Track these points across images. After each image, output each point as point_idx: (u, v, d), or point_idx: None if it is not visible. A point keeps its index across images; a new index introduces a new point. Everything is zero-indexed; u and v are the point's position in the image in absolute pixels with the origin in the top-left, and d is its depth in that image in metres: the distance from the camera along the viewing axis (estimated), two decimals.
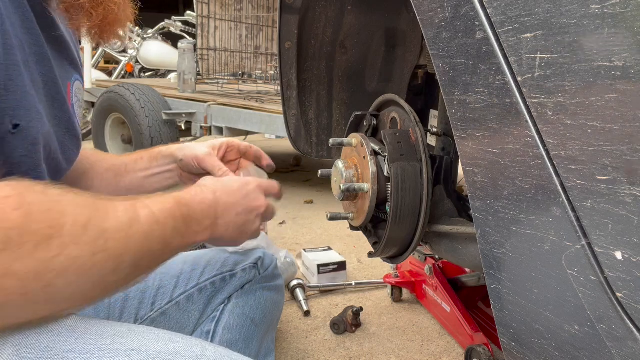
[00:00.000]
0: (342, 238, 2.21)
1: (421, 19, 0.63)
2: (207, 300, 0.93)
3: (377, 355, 1.30)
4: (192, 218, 0.65)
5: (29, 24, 0.60)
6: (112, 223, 0.53)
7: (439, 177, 0.94)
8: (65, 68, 0.73)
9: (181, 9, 10.07)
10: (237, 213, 0.73)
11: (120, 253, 0.53)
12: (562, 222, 0.48)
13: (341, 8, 1.14)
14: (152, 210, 0.59)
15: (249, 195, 0.75)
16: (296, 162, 3.90)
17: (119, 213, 0.54)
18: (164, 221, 0.60)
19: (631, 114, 0.41)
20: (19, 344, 0.51)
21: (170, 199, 0.63)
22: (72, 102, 0.74)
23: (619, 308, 0.45)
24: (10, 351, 0.50)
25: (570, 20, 0.44)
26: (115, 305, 0.87)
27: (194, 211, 0.66)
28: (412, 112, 0.83)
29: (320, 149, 1.29)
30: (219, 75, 3.85)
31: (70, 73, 0.75)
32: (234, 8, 3.80)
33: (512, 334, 0.60)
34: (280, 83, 1.21)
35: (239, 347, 0.92)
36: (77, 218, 0.49)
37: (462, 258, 0.87)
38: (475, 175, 0.58)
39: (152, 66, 5.91)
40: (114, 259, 0.52)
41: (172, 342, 0.56)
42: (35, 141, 0.61)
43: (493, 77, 0.52)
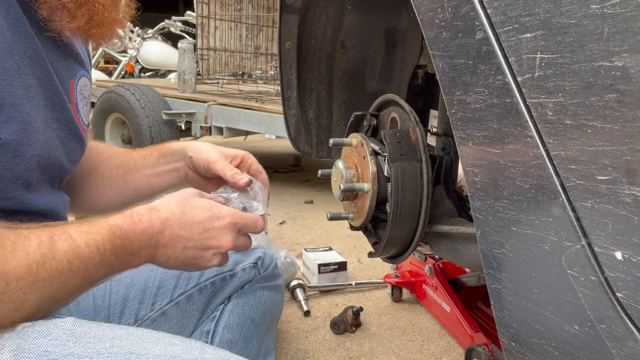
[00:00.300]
0: (342, 238, 2.21)
1: (421, 19, 0.63)
2: (207, 300, 0.93)
3: (377, 355, 1.30)
4: (125, 250, 0.62)
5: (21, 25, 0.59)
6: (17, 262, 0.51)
7: (439, 177, 0.94)
8: (69, 65, 0.71)
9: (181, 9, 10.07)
10: (186, 247, 0.68)
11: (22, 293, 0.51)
12: (562, 222, 0.48)
13: (341, 8, 1.14)
14: (75, 244, 0.56)
15: (209, 232, 0.69)
16: (296, 162, 3.90)
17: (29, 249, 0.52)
18: (89, 255, 0.57)
19: (631, 114, 0.41)
20: (17, 349, 0.51)
21: (104, 229, 0.60)
22: (75, 101, 0.72)
23: (619, 308, 0.45)
24: (8, 355, 0.50)
25: (570, 20, 0.44)
26: (115, 306, 0.87)
27: (129, 243, 0.62)
28: (412, 112, 0.83)
29: (320, 149, 1.29)
30: (219, 75, 3.85)
31: (75, 70, 0.73)
32: (234, 8, 3.80)
33: (512, 334, 0.60)
34: (280, 83, 1.21)
35: (238, 346, 0.91)
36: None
37: (462, 258, 0.87)
38: (475, 175, 0.58)
39: (152, 66, 5.91)
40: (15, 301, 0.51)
41: (172, 345, 0.56)
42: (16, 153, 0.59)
43: (493, 77, 0.52)
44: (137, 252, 0.63)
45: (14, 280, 0.50)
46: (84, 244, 0.57)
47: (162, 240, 0.66)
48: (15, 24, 0.58)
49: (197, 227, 0.68)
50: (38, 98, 0.62)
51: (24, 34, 0.59)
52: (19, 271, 0.51)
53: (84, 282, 0.58)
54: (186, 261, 0.69)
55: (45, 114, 0.63)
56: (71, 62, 0.72)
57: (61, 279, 0.54)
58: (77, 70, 0.73)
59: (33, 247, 0.52)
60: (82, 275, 0.57)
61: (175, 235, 0.66)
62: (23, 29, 0.59)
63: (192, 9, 4.00)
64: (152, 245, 0.65)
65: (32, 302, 0.52)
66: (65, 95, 0.68)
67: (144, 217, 0.64)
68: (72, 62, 0.72)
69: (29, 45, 0.60)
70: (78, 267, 0.56)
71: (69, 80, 0.71)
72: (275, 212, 2.57)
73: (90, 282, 0.59)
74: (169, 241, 0.66)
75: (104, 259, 0.59)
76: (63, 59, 0.70)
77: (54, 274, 0.54)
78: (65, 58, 0.70)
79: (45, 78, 0.63)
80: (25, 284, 0.51)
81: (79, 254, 0.56)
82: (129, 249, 0.62)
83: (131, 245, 0.62)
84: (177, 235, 0.66)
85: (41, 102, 0.63)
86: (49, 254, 0.53)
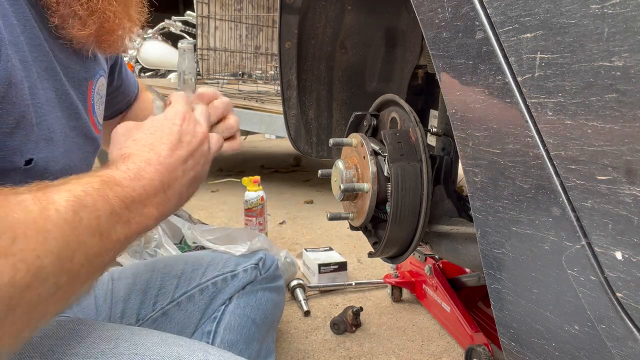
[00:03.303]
0: (342, 238, 2.21)
1: (421, 19, 0.63)
2: (209, 300, 0.94)
3: (377, 355, 1.30)
4: (132, 199, 0.51)
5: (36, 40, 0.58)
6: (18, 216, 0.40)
7: (439, 177, 0.94)
8: (88, 67, 0.70)
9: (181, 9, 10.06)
10: (184, 170, 0.58)
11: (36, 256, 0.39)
12: (562, 222, 0.48)
13: (341, 8, 1.14)
14: (74, 193, 0.45)
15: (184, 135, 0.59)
16: (296, 162, 3.90)
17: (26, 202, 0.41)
18: (94, 205, 0.46)
19: (631, 114, 0.41)
20: (21, 348, 0.51)
21: (95, 179, 0.49)
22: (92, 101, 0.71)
23: (619, 308, 0.45)
24: (13, 355, 0.50)
25: (570, 20, 0.44)
26: (116, 306, 0.88)
27: (132, 189, 0.52)
28: (412, 112, 0.83)
29: (320, 149, 1.29)
30: (219, 75, 3.85)
31: (94, 70, 0.72)
32: (234, 8, 3.80)
33: (512, 334, 0.60)
34: (280, 83, 1.21)
35: (239, 347, 0.92)
36: None
37: (462, 258, 0.87)
38: (475, 175, 0.58)
39: (152, 66, 5.91)
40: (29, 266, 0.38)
41: (176, 345, 0.56)
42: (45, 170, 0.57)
43: (493, 77, 0.52)
44: (146, 200, 0.53)
45: (21, 236, 0.39)
46: (83, 193, 0.46)
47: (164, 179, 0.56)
48: (32, 39, 0.58)
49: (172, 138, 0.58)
50: (56, 110, 0.62)
51: (40, 47, 0.59)
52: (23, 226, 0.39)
53: (103, 244, 0.47)
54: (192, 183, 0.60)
55: (63, 125, 0.63)
56: (90, 63, 0.71)
57: (75, 237, 0.43)
58: (96, 70, 0.72)
59: (29, 201, 0.42)
60: (98, 233, 0.46)
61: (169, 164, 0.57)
62: (39, 43, 0.59)
63: (192, 9, 4.00)
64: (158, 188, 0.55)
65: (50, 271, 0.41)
66: (80, 99, 0.67)
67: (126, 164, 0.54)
68: (92, 63, 0.71)
69: (44, 57, 0.59)
70: (89, 219, 0.45)
71: (87, 82, 0.70)
72: (275, 212, 2.57)
73: (109, 245, 0.48)
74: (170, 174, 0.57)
75: (115, 211, 0.48)
76: (81, 61, 0.69)
77: (64, 229, 0.42)
78: (83, 60, 0.69)
79: (60, 89, 0.63)
80: (35, 243, 0.39)
81: (84, 204, 0.45)
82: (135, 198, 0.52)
83: (135, 192, 0.52)
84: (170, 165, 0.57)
85: (59, 114, 0.62)
86: (50, 206, 0.42)
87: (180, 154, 0.58)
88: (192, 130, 0.60)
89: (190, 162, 0.59)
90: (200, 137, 0.61)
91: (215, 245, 1.17)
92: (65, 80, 0.64)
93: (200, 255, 1.01)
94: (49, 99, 0.60)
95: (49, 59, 0.61)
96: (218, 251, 1.11)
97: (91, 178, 0.49)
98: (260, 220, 2.04)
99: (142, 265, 0.96)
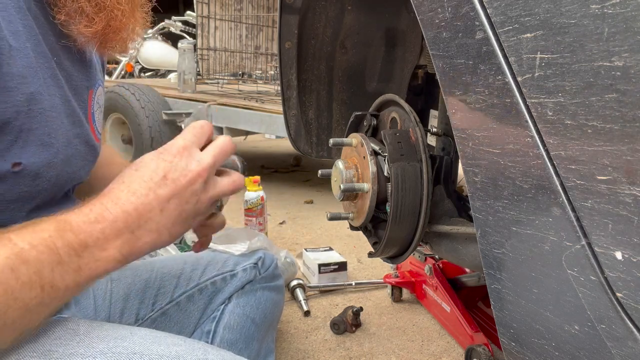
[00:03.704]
0: (342, 238, 2.21)
1: (421, 19, 0.63)
2: (208, 300, 0.94)
3: (377, 355, 1.30)
4: (86, 245, 0.50)
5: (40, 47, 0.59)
6: None
7: (439, 177, 0.94)
8: (89, 75, 0.71)
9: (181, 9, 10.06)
10: (163, 209, 0.54)
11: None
12: (562, 222, 0.48)
13: (341, 8, 1.14)
14: (17, 247, 0.46)
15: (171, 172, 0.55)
16: (296, 162, 3.90)
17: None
18: (37, 257, 0.46)
19: (631, 114, 0.41)
20: (20, 347, 0.51)
21: (50, 225, 0.49)
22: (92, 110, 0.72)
23: (619, 308, 0.45)
24: (12, 355, 0.50)
25: (570, 20, 0.44)
26: (115, 305, 0.88)
27: (88, 234, 0.50)
28: (412, 112, 0.83)
29: (320, 149, 1.29)
30: (219, 75, 3.85)
31: (94, 79, 0.72)
32: (234, 8, 3.80)
33: (512, 334, 0.60)
34: (280, 83, 1.21)
35: (239, 347, 0.92)
36: None
37: (462, 258, 0.87)
38: (475, 175, 0.58)
39: (152, 66, 5.91)
40: None
41: (175, 345, 0.56)
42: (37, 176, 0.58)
43: (493, 77, 0.52)
44: (104, 243, 0.51)
45: None
46: (28, 245, 0.46)
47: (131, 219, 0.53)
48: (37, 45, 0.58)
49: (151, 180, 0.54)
50: (62, 116, 0.62)
51: (44, 54, 0.59)
52: None
53: (46, 294, 0.47)
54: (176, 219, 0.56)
55: (68, 131, 0.63)
56: (92, 71, 0.71)
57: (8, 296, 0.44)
58: (96, 79, 0.73)
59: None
60: (39, 285, 0.46)
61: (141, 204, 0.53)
62: (43, 50, 0.59)
63: (192, 9, 3.99)
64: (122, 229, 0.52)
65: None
66: (81, 107, 0.68)
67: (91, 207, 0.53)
68: (93, 72, 0.72)
69: (48, 64, 0.60)
70: (28, 274, 0.45)
71: (88, 90, 0.70)
72: (275, 212, 2.57)
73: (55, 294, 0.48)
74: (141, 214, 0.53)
75: (62, 261, 0.48)
76: (83, 69, 0.69)
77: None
78: (86, 68, 0.70)
79: (64, 96, 0.63)
80: None
81: (24, 259, 0.45)
82: (89, 243, 0.50)
83: (90, 236, 0.50)
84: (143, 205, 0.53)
85: (65, 121, 0.62)
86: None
87: (161, 192, 0.54)
88: (182, 167, 0.56)
89: (175, 201, 0.55)
90: (191, 177, 0.56)
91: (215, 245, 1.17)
92: (67, 88, 0.64)
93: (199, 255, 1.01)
94: (54, 105, 0.60)
95: (53, 66, 0.61)
96: (217, 251, 1.11)
97: (45, 224, 0.49)
98: (260, 220, 2.04)
99: (141, 265, 0.96)
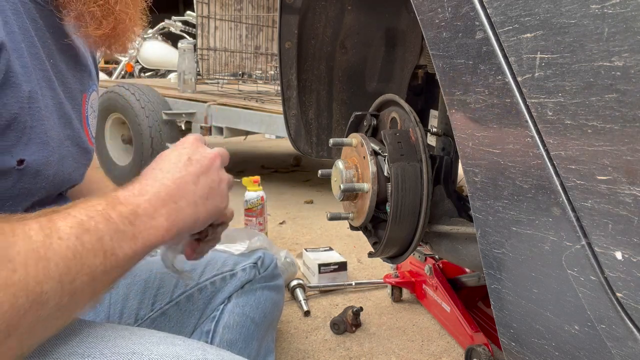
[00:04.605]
0: (342, 238, 2.21)
1: (421, 19, 0.63)
2: (207, 300, 0.94)
3: (377, 355, 1.30)
4: (137, 214, 0.54)
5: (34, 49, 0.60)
6: (20, 248, 0.43)
7: (439, 177, 0.94)
8: (83, 79, 0.72)
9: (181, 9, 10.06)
10: (196, 182, 0.60)
11: (36, 284, 0.43)
12: (562, 222, 0.48)
13: (341, 8, 1.14)
14: (77, 218, 0.49)
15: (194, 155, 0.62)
16: (296, 162, 3.90)
17: (31, 232, 0.45)
18: (96, 226, 0.49)
19: (631, 114, 0.41)
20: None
21: (100, 200, 0.53)
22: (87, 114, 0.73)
23: (619, 308, 0.45)
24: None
25: (570, 20, 0.44)
26: (115, 306, 0.88)
27: (136, 205, 0.54)
28: (412, 112, 0.83)
29: (320, 149, 1.29)
30: (219, 75, 3.85)
31: (88, 84, 0.74)
32: (234, 8, 3.80)
33: (512, 334, 0.60)
34: (280, 83, 1.21)
35: (238, 346, 0.92)
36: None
37: (462, 258, 0.87)
38: (475, 175, 0.58)
39: (152, 66, 5.91)
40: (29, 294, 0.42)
41: (174, 345, 0.56)
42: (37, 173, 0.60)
43: (493, 77, 0.52)
44: (154, 212, 0.55)
45: (21, 267, 0.42)
46: (86, 217, 0.49)
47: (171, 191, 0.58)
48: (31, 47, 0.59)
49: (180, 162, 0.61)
50: (54, 117, 0.63)
51: (38, 56, 0.60)
52: (24, 257, 0.43)
53: (108, 262, 0.50)
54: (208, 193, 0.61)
55: (59, 132, 0.65)
56: (86, 76, 0.73)
57: (77, 261, 0.47)
58: (90, 84, 0.75)
59: (34, 229, 0.45)
60: (102, 252, 0.49)
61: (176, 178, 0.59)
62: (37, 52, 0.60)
63: (192, 9, 3.99)
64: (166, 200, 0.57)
65: (51, 295, 0.44)
66: (75, 110, 0.69)
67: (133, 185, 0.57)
68: (87, 77, 0.74)
69: (42, 66, 0.61)
70: (91, 242, 0.48)
71: (82, 94, 0.72)
72: (275, 212, 2.57)
73: (116, 262, 0.51)
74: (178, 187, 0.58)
75: (119, 229, 0.51)
76: (79, 73, 0.71)
77: (66, 255, 0.46)
78: (80, 72, 0.71)
79: (56, 97, 0.64)
80: (35, 271, 0.43)
81: (86, 228, 0.48)
82: (139, 212, 0.54)
83: (139, 207, 0.54)
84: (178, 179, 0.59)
85: (56, 121, 0.64)
86: (53, 234, 0.46)
87: (191, 169, 0.61)
88: (201, 152, 0.63)
89: (203, 177, 0.61)
90: (211, 157, 0.64)
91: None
92: (61, 91, 0.66)
93: None
94: (47, 105, 0.61)
95: (46, 68, 0.62)
96: (217, 250, 1.10)
97: (96, 200, 0.52)
98: (260, 220, 2.04)
99: (140, 265, 0.95)
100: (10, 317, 0.41)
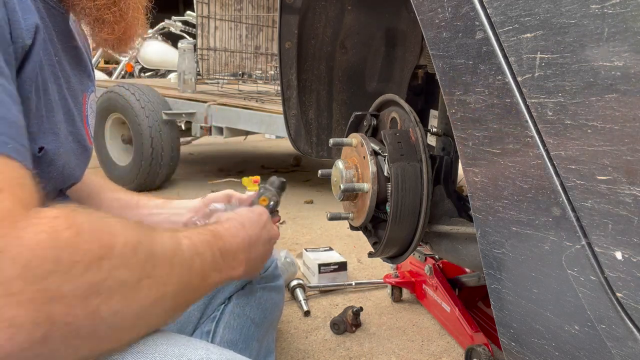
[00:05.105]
0: (342, 238, 2.21)
1: (421, 19, 0.63)
2: (208, 300, 0.94)
3: (377, 355, 1.30)
4: (228, 252, 0.64)
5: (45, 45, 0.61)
6: (159, 248, 0.50)
7: (439, 177, 0.94)
8: (83, 80, 0.75)
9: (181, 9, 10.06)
10: (263, 243, 0.75)
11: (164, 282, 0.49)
12: (562, 222, 0.48)
13: (341, 8, 1.14)
14: (193, 241, 0.57)
15: (266, 225, 0.77)
16: (296, 162, 3.90)
17: (164, 238, 0.52)
18: (204, 253, 0.58)
19: (631, 114, 0.41)
20: None
21: (207, 231, 0.62)
22: (86, 114, 0.75)
23: (619, 308, 0.45)
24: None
25: (570, 20, 0.44)
26: None
27: (229, 244, 0.65)
28: (412, 112, 0.83)
29: (320, 149, 1.29)
30: (219, 75, 3.85)
31: (87, 84, 0.76)
32: (234, 8, 3.80)
33: (512, 334, 0.60)
34: (280, 83, 1.21)
35: (239, 347, 0.92)
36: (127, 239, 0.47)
37: (462, 258, 0.87)
38: (475, 175, 0.58)
39: (152, 66, 5.91)
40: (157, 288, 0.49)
41: (177, 344, 0.56)
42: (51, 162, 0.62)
43: (493, 77, 0.52)
44: (236, 255, 0.66)
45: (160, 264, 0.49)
46: (199, 242, 0.58)
47: (251, 242, 0.70)
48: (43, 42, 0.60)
49: (258, 224, 0.75)
50: (60, 111, 0.65)
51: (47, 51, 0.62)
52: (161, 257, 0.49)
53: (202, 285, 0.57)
54: (262, 258, 0.76)
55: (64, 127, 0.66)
56: (85, 77, 0.75)
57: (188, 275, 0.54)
58: (89, 85, 0.77)
59: (166, 237, 0.52)
60: (202, 275, 0.57)
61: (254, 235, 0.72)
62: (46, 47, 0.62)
63: (192, 9, 3.99)
64: (245, 248, 0.68)
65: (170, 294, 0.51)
66: (76, 108, 0.71)
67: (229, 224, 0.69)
68: (86, 78, 0.76)
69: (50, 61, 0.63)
70: (198, 264, 0.56)
71: (82, 93, 0.74)
72: None
73: (205, 287, 0.59)
74: (254, 242, 0.71)
75: (215, 260, 0.60)
76: (80, 73, 0.73)
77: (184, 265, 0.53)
78: (81, 73, 0.74)
79: (61, 93, 0.66)
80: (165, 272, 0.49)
81: (198, 251, 0.56)
82: (230, 251, 0.64)
83: (231, 246, 0.65)
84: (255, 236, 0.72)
85: (61, 116, 0.66)
86: (178, 246, 0.53)
87: (262, 234, 0.75)
88: (270, 226, 0.80)
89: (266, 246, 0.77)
90: (272, 234, 0.80)
91: None
92: (65, 88, 0.67)
93: None
94: (55, 99, 0.63)
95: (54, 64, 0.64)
96: None
97: (203, 230, 0.63)
98: None
99: None
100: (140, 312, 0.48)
